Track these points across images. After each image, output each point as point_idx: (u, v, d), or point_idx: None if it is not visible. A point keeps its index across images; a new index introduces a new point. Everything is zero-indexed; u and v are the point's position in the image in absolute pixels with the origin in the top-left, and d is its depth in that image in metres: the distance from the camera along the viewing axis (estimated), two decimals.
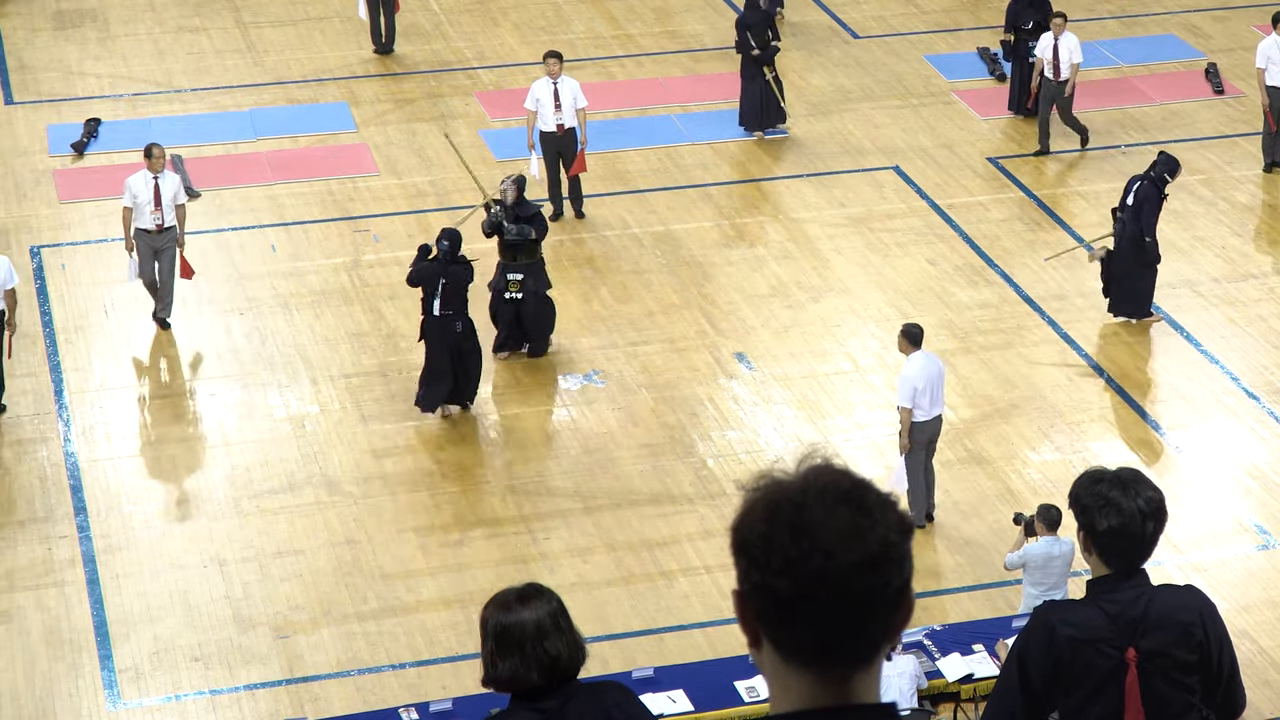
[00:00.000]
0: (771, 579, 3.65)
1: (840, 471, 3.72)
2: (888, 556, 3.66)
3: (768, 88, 24.12)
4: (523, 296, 19.63)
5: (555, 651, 6.18)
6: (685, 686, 14.56)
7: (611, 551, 17.21)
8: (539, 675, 6.17)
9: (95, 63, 26.25)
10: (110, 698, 15.47)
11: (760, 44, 23.97)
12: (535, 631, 6.19)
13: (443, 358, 18.65)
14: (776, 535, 3.65)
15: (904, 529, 3.71)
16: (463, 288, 18.59)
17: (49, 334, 20.18)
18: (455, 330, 18.61)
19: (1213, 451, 18.75)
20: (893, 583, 3.66)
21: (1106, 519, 6.93)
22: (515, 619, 6.22)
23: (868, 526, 3.64)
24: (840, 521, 3.64)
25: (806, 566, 3.62)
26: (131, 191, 19.89)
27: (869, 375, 19.72)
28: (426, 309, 18.66)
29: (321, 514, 17.63)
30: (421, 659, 15.91)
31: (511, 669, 6.19)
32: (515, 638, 6.19)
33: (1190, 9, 28.28)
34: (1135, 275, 20.23)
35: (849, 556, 3.63)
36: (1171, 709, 7.18)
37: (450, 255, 18.54)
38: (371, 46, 26.58)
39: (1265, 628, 16.33)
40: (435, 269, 18.56)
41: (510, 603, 6.30)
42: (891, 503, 3.72)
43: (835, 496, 3.67)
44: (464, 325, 18.69)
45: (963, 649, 14.96)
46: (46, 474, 18.12)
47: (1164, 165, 20.17)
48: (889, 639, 3.73)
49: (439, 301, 18.52)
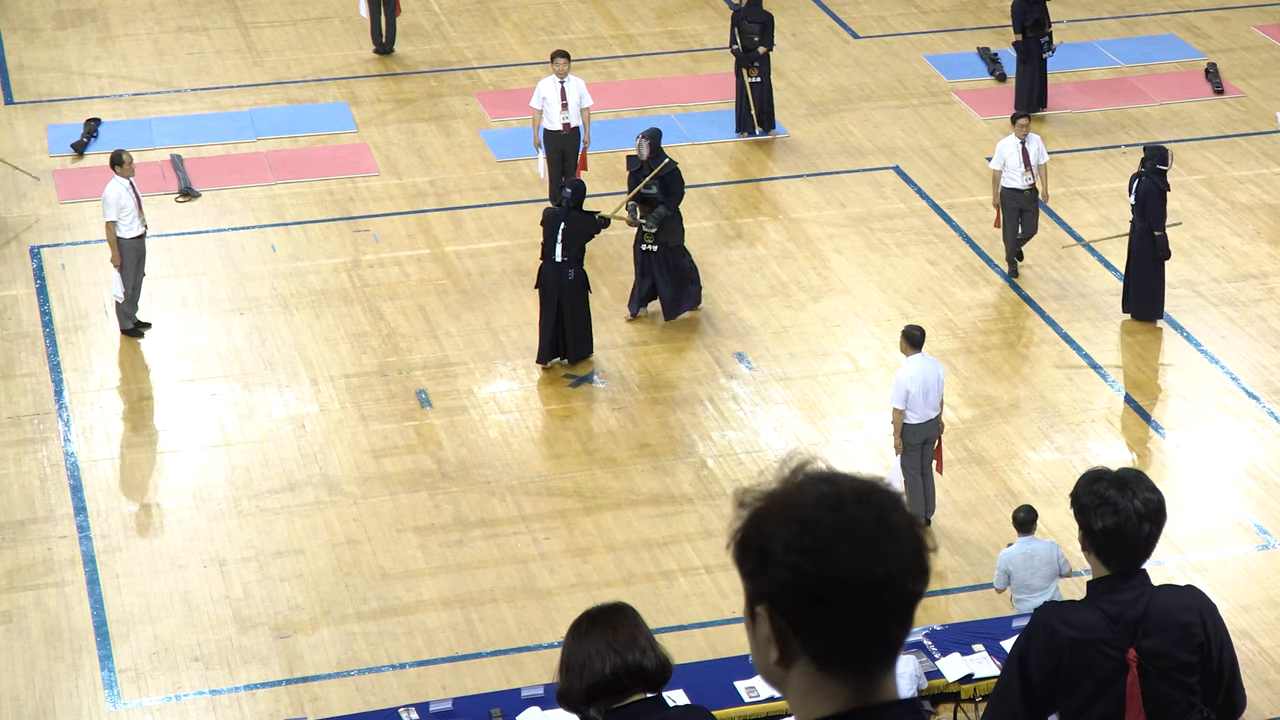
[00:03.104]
0: (827, 589, 3.58)
1: (866, 480, 3.71)
2: (928, 562, 3.69)
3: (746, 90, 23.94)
4: (657, 249, 20.14)
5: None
6: (685, 686, 14.55)
7: (611, 551, 17.21)
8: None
9: (95, 63, 26.24)
10: (110, 698, 15.47)
11: (745, 44, 23.81)
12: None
13: (552, 305, 19.15)
14: (834, 544, 3.59)
15: (929, 538, 3.77)
16: (581, 237, 19.07)
17: (49, 334, 20.18)
18: (568, 278, 19.07)
19: (1213, 451, 18.75)
20: (922, 591, 3.67)
21: (1102, 519, 6.93)
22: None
23: (907, 537, 3.65)
24: (899, 526, 3.65)
25: (871, 572, 3.59)
26: (118, 203, 19.70)
27: (869, 375, 19.72)
28: (547, 254, 19.08)
29: (321, 514, 17.63)
30: (421, 659, 15.91)
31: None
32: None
33: (1190, 9, 28.28)
34: (1151, 275, 20.29)
35: (909, 561, 3.64)
36: (1172, 709, 7.18)
37: (573, 203, 19.12)
38: (371, 46, 26.58)
39: (1265, 628, 16.33)
40: (557, 214, 19.11)
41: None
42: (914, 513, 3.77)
43: (874, 508, 3.64)
44: (576, 275, 19.13)
45: (963, 649, 14.96)
46: (46, 474, 18.12)
47: (1154, 158, 20.23)
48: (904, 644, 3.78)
49: (560, 247, 18.94)
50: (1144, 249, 20.22)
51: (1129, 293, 20.55)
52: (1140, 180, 20.22)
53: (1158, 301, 20.45)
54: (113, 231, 19.68)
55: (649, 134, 20.27)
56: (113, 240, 19.69)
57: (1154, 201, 20.07)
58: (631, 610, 5.93)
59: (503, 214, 22.43)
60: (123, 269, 19.74)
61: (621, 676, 5.79)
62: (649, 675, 5.83)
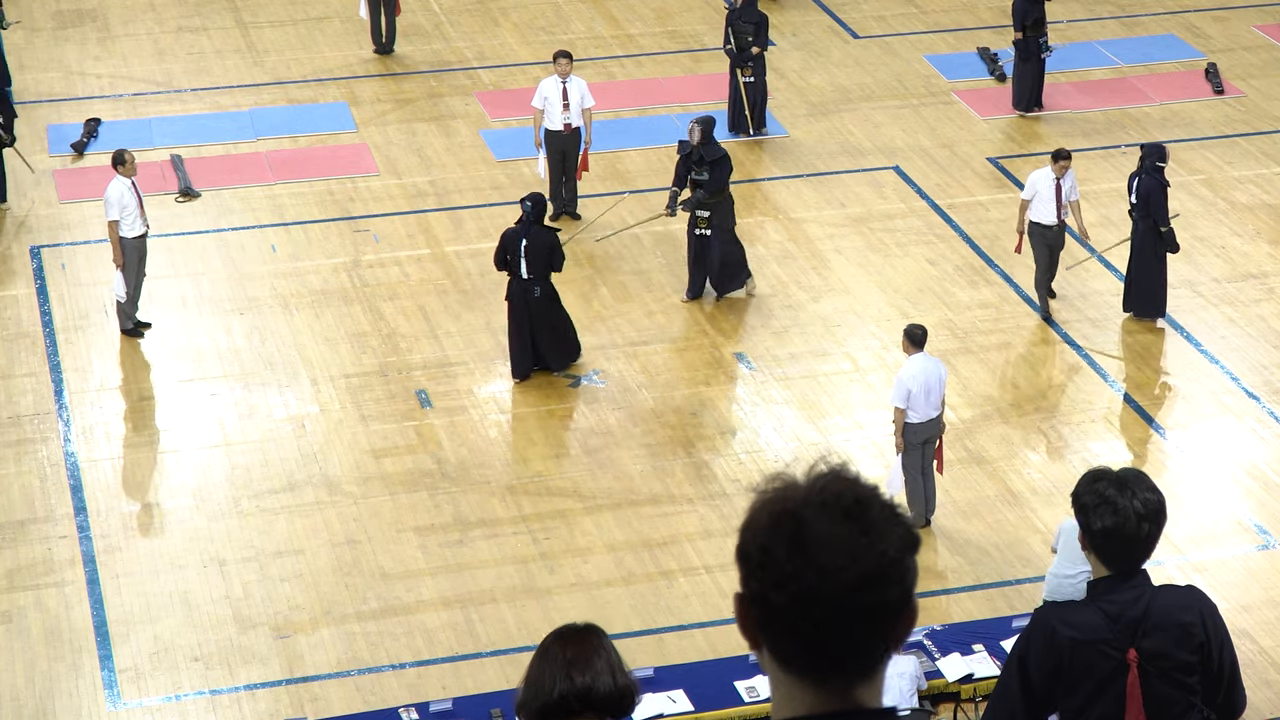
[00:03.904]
0: (768, 590, 3.62)
1: (847, 483, 3.66)
2: (884, 574, 3.60)
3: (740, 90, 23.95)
4: (711, 232, 20.27)
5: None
6: (685, 686, 14.56)
7: (611, 551, 17.21)
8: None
9: (95, 63, 26.24)
10: (110, 698, 15.47)
11: (739, 44, 23.82)
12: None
13: (520, 320, 19.07)
14: (774, 548, 3.62)
15: (906, 545, 3.64)
16: (545, 252, 18.88)
17: (49, 334, 20.18)
18: (533, 294, 18.97)
19: (1213, 451, 18.75)
20: (890, 599, 3.60)
21: (1102, 518, 6.93)
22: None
23: (866, 544, 3.58)
24: (838, 538, 3.59)
25: (801, 582, 3.58)
26: (120, 203, 19.70)
27: (869, 375, 19.72)
28: (514, 271, 18.99)
29: (321, 514, 17.63)
30: (421, 659, 15.91)
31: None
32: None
33: (1190, 9, 28.28)
34: (1155, 273, 20.30)
35: (844, 574, 3.58)
36: (1172, 709, 7.18)
37: (533, 217, 18.96)
38: (371, 46, 26.58)
39: (1265, 628, 16.33)
40: (518, 231, 18.92)
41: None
42: (897, 517, 3.65)
43: (838, 511, 3.61)
44: (543, 291, 19.03)
45: (963, 649, 14.95)
46: (46, 474, 18.11)
47: (1152, 155, 20.25)
48: (891, 649, 3.68)
49: (525, 264, 18.84)
50: (1146, 246, 20.23)
51: (1130, 291, 20.54)
52: (1141, 179, 20.23)
53: (1160, 299, 20.44)
54: (115, 231, 19.67)
55: (702, 120, 20.47)
56: (115, 240, 19.68)
57: (1157, 197, 20.08)
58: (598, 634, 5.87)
59: (503, 214, 22.41)
60: (124, 269, 19.74)
61: (570, 700, 5.76)
62: (598, 700, 5.77)
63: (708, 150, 20.31)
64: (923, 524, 17.33)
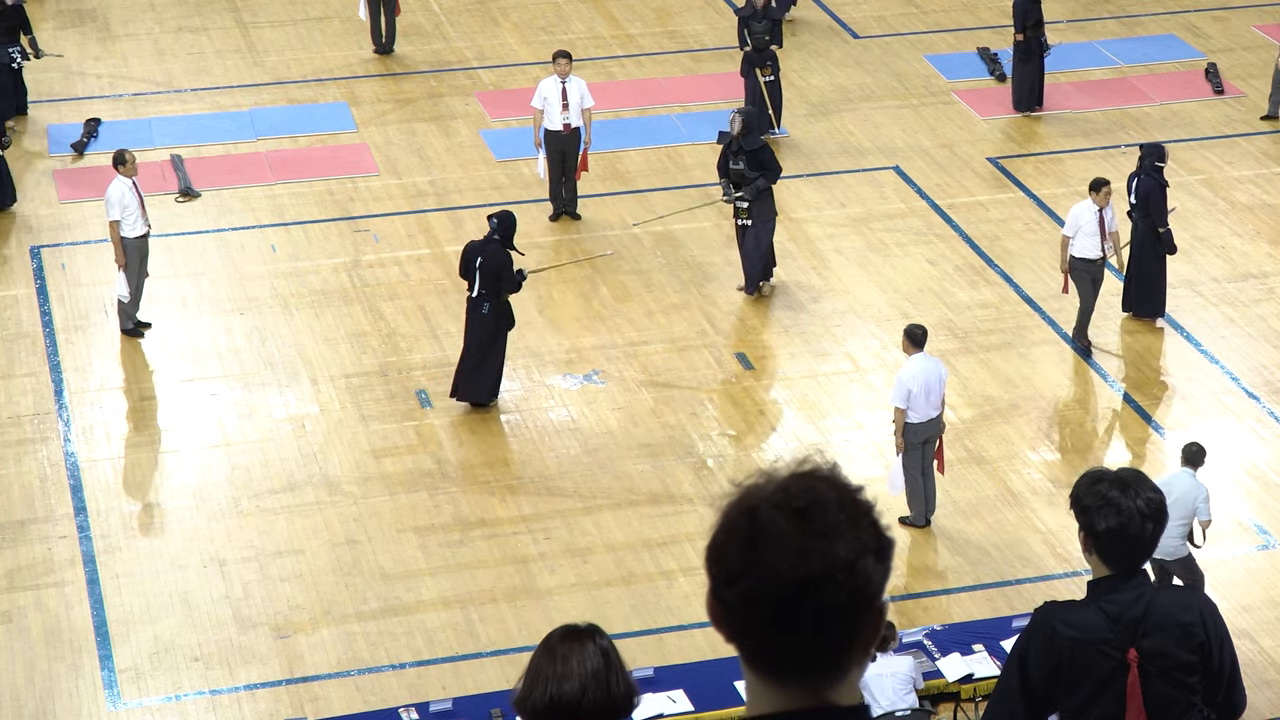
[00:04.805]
0: (720, 589, 3.62)
1: (813, 482, 3.58)
2: (832, 578, 3.50)
3: (761, 89, 24.01)
4: (751, 223, 20.41)
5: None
6: (685, 686, 14.57)
7: (611, 551, 17.21)
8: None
9: (95, 63, 26.24)
10: (110, 698, 15.47)
11: (756, 44, 23.90)
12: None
13: (470, 340, 18.80)
14: (727, 547, 3.60)
15: (865, 549, 3.53)
16: (496, 269, 18.56)
17: (49, 334, 20.18)
18: (481, 312, 18.69)
19: (1213, 451, 18.72)
20: (838, 602, 3.51)
21: (1105, 519, 6.92)
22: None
23: (815, 547, 3.50)
24: (789, 538, 3.52)
25: (747, 582, 3.55)
26: (121, 203, 19.68)
27: (869, 375, 19.72)
28: (470, 285, 18.81)
29: (321, 514, 17.63)
30: (421, 659, 15.91)
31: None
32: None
33: (1190, 9, 28.28)
34: (1156, 273, 20.31)
35: (790, 574, 3.51)
36: (1172, 709, 7.18)
37: (498, 234, 18.66)
38: (371, 46, 26.59)
39: (1265, 628, 16.34)
40: (477, 246, 18.73)
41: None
42: (862, 520, 3.55)
43: (792, 511, 3.54)
44: (491, 310, 18.66)
45: (963, 649, 14.96)
46: (46, 474, 18.11)
47: (1151, 155, 20.28)
48: (856, 654, 3.59)
49: (476, 280, 18.63)
50: (1147, 246, 20.25)
51: (1130, 290, 20.55)
52: (1140, 179, 20.25)
53: (1160, 298, 20.46)
54: (116, 231, 19.67)
55: (744, 111, 20.68)
56: (116, 240, 19.69)
57: (1156, 198, 20.10)
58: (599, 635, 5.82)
59: None
60: (126, 269, 19.74)
61: (558, 708, 5.76)
62: (588, 710, 5.74)
63: (747, 140, 20.41)
64: (923, 524, 17.33)
